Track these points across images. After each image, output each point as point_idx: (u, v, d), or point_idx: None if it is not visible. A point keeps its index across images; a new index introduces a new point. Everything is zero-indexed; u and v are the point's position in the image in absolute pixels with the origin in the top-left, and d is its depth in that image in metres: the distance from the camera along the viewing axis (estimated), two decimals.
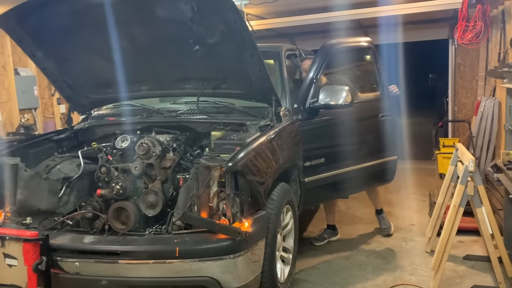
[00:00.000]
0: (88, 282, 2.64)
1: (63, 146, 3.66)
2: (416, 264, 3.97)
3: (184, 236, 2.64)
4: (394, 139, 4.38)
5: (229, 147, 2.92)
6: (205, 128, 3.43)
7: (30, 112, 7.17)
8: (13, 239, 2.59)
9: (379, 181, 4.48)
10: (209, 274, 2.54)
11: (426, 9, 6.12)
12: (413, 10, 6.32)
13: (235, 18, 2.83)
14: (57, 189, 3.15)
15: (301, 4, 6.44)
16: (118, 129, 3.56)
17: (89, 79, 3.63)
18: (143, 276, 2.56)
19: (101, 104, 3.94)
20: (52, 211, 3.11)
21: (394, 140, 4.38)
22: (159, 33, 3.14)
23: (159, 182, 3.04)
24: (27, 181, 3.03)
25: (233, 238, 2.52)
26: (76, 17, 3.05)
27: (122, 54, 3.24)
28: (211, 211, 2.70)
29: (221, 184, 2.69)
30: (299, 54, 4.51)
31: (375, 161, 4.20)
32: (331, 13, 6.39)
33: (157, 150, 3.10)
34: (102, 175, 3.15)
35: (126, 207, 2.92)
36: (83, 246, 2.65)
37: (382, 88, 4.38)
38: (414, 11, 6.32)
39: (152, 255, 2.56)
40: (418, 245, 4.40)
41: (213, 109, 3.56)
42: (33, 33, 3.19)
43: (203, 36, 2.95)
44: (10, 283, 2.61)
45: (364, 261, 4.10)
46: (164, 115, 3.60)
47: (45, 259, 2.55)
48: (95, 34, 3.14)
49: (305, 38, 7.59)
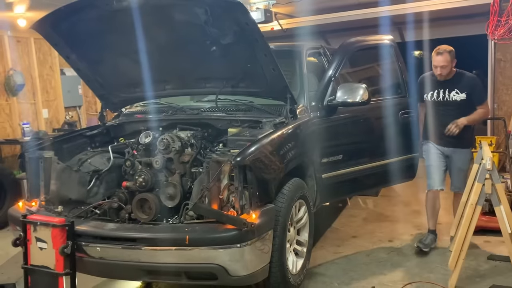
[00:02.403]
0: (109, 266, 2.88)
1: (96, 141, 3.93)
2: (437, 262, 3.94)
3: (195, 226, 2.82)
4: (415, 137, 4.35)
5: (241, 143, 3.06)
6: (224, 125, 3.58)
7: (74, 110, 7.66)
8: (43, 224, 2.86)
9: (399, 179, 4.47)
10: (218, 262, 2.69)
11: (460, 4, 5.97)
12: (448, 6, 6.18)
13: (246, 20, 2.96)
14: (86, 180, 3.41)
15: (332, 2, 6.44)
16: (145, 125, 3.78)
17: (118, 79, 3.87)
18: (157, 261, 2.77)
19: (131, 103, 4.18)
20: (82, 201, 3.37)
21: (415, 137, 4.35)
22: (179, 36, 3.32)
23: (178, 175, 3.22)
24: (59, 173, 3.31)
25: (239, 228, 2.66)
26: (103, 22, 3.29)
27: (147, 56, 3.44)
28: (221, 203, 2.85)
29: (231, 177, 2.84)
30: (324, 52, 4.57)
31: (395, 159, 4.20)
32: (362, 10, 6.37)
33: (176, 145, 3.29)
34: (127, 169, 3.40)
35: (148, 199, 3.13)
36: (103, 232, 2.89)
37: (404, 86, 4.36)
38: (449, 6, 6.18)
39: (165, 242, 2.75)
40: (440, 243, 4.35)
41: (232, 106, 3.71)
42: (66, 37, 3.47)
43: (218, 38, 3.10)
44: (41, 264, 2.89)
45: (384, 258, 4.11)
46: (187, 112, 3.79)
47: (70, 243, 2.80)
48: (121, 37, 3.37)
49: (337, 36, 7.57)
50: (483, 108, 4.04)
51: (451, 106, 3.99)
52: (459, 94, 3.94)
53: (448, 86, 3.97)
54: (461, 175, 4.13)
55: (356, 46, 4.16)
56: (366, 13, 6.31)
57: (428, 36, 6.76)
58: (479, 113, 4.01)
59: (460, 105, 3.96)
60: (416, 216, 5.15)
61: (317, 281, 3.67)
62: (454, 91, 3.95)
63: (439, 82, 3.99)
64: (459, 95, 3.94)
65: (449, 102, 3.99)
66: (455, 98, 3.95)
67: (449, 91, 3.96)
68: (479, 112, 4.01)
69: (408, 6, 6.32)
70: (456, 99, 3.96)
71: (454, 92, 3.95)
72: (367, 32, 5.60)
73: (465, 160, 4.11)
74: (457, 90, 3.94)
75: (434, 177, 4.11)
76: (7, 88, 6.62)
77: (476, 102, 3.99)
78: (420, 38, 6.88)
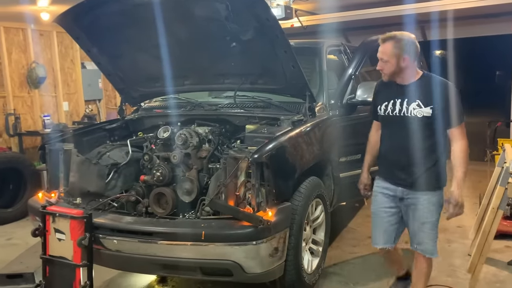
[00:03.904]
0: (125, 259, 2.90)
1: (115, 135, 3.97)
2: (455, 266, 3.88)
3: (211, 221, 2.83)
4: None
5: (259, 140, 3.04)
6: (242, 122, 3.58)
7: (94, 103, 7.75)
8: (62, 216, 2.90)
9: None
10: (233, 258, 2.69)
11: (487, 3, 5.82)
12: (475, 4, 6.03)
13: (267, 16, 2.95)
14: (105, 173, 3.44)
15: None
16: (163, 120, 3.80)
17: (138, 73, 3.90)
18: (173, 256, 2.78)
19: (150, 97, 4.21)
20: (100, 193, 3.41)
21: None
22: (199, 31, 3.32)
23: (195, 171, 3.23)
24: (79, 165, 3.35)
25: (255, 226, 2.65)
26: (125, 16, 3.31)
27: (166, 51, 3.44)
28: (237, 200, 2.85)
29: (248, 174, 2.83)
30: (344, 50, 4.52)
31: None
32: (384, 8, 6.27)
33: (194, 141, 3.30)
34: (145, 163, 3.42)
35: (165, 193, 3.14)
36: (120, 225, 2.92)
37: None
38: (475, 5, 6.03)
39: (181, 236, 2.76)
40: (461, 247, 4.28)
41: (250, 103, 3.70)
42: (88, 31, 3.50)
43: (238, 34, 3.09)
44: (59, 255, 2.93)
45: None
46: (205, 108, 3.80)
47: (88, 235, 2.83)
48: (142, 32, 3.39)
49: (357, 33, 7.47)
50: (458, 135, 2.67)
51: (408, 125, 2.71)
52: (421, 107, 2.65)
53: (407, 95, 2.71)
54: (425, 229, 2.81)
55: (377, 44, 4.08)
56: (388, 10, 6.20)
57: (452, 35, 6.62)
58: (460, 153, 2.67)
59: (422, 125, 2.68)
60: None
61: (332, 280, 3.65)
62: (415, 103, 2.68)
63: (396, 89, 2.77)
64: (422, 109, 2.65)
65: (406, 119, 2.71)
66: (415, 113, 2.67)
67: (408, 103, 2.70)
68: (458, 150, 2.67)
69: (433, 4, 6.19)
70: (416, 115, 2.68)
71: (415, 104, 2.68)
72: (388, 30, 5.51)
73: (430, 208, 2.78)
74: (419, 102, 2.67)
75: (376, 231, 2.97)
76: (29, 80, 6.73)
77: (447, 122, 2.66)
78: (443, 37, 6.74)
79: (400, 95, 2.75)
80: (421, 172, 2.75)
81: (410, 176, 2.77)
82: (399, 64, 2.67)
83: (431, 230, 2.82)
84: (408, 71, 2.71)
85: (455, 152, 2.69)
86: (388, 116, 2.81)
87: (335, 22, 6.63)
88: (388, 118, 2.82)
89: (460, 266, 3.86)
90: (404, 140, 2.74)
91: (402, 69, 2.69)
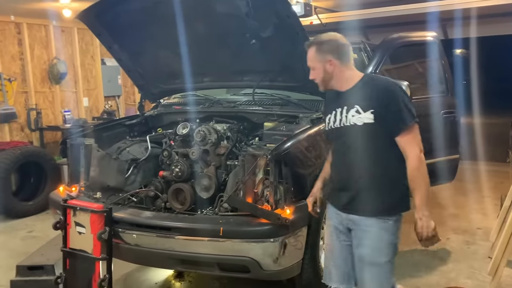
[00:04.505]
0: (144, 254, 2.93)
1: (135, 130, 4.01)
2: (474, 268, 3.82)
3: (229, 218, 2.83)
4: (457, 138, 4.20)
5: (277, 137, 3.04)
6: (260, 119, 3.57)
7: (113, 99, 7.85)
8: (82, 209, 2.95)
9: (438, 180, 4.34)
10: (251, 255, 2.69)
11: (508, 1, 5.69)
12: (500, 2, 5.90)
13: (288, 13, 2.93)
14: (125, 168, 3.48)
15: None
16: (182, 117, 3.82)
17: (158, 70, 3.93)
18: (190, 251, 2.79)
19: (169, 94, 4.24)
20: (120, 188, 3.45)
21: (457, 138, 4.20)
22: (219, 28, 3.33)
23: (213, 167, 3.24)
24: (99, 160, 3.39)
25: (273, 223, 2.65)
26: (146, 13, 3.34)
27: (186, 48, 3.47)
28: (256, 197, 2.85)
29: (266, 172, 2.83)
30: (364, 47, 4.48)
31: (434, 159, 4.07)
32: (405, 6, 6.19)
33: (212, 137, 3.31)
34: (164, 159, 3.45)
35: (183, 189, 3.17)
36: (139, 220, 2.95)
37: (446, 85, 4.21)
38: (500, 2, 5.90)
39: (199, 232, 2.77)
40: (481, 249, 4.21)
41: (269, 101, 3.69)
42: (109, 27, 3.54)
43: (258, 31, 3.09)
44: (79, 248, 2.98)
45: (419, 260, 4.02)
46: (223, 105, 3.80)
47: (107, 229, 2.87)
48: (162, 29, 3.42)
49: (376, 31, 7.39)
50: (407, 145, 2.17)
51: (349, 136, 2.27)
52: (360, 113, 2.21)
53: (346, 102, 2.28)
54: (373, 271, 2.26)
55: (398, 42, 4.05)
56: (410, 8, 6.12)
57: (475, 33, 6.49)
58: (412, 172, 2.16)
59: (364, 134, 2.22)
60: (453, 219, 5.00)
61: None
62: (354, 109, 2.23)
63: (337, 98, 2.35)
64: (361, 115, 2.20)
65: (346, 129, 2.27)
66: (354, 121, 2.23)
67: (347, 110, 2.26)
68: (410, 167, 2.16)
69: (456, 2, 6.08)
70: (356, 123, 2.22)
71: (354, 110, 2.23)
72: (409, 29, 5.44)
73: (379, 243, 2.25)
74: (357, 108, 2.22)
75: (328, 267, 2.50)
76: (51, 76, 6.85)
77: (394, 128, 2.19)
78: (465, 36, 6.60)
79: (340, 103, 2.31)
80: (366, 193, 2.23)
81: (354, 199, 2.27)
82: (326, 69, 2.29)
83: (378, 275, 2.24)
84: (341, 75, 2.30)
85: (408, 170, 2.17)
86: (331, 130, 2.37)
87: (354, 20, 6.56)
88: (332, 132, 2.37)
89: (480, 268, 3.80)
90: (345, 155, 2.30)
91: (331, 73, 2.29)
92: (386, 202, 2.24)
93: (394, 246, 2.28)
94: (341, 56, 2.30)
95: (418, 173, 2.16)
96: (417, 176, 2.16)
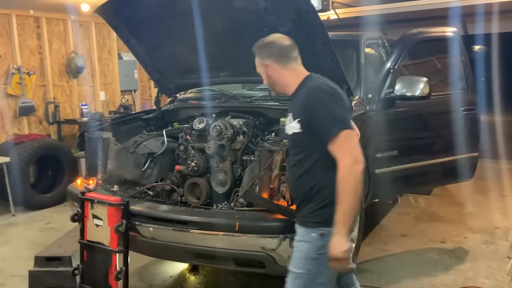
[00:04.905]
0: (160, 247, 2.95)
1: (151, 125, 4.01)
2: (493, 268, 3.77)
3: (245, 213, 2.83)
4: (476, 135, 4.13)
5: None
6: (277, 114, 3.54)
7: (130, 94, 7.91)
8: (100, 202, 2.98)
9: (456, 178, 4.27)
10: (266, 251, 2.69)
11: None
12: None
13: (307, 8, 2.89)
14: (141, 162, 3.50)
15: None
16: (198, 111, 3.83)
17: (175, 64, 3.93)
18: (206, 245, 2.80)
19: (186, 88, 4.24)
20: (136, 181, 3.46)
21: (476, 136, 4.13)
22: (236, 22, 3.30)
23: (229, 162, 3.24)
24: (117, 153, 3.41)
25: (289, 219, 2.64)
26: (163, 8, 3.32)
27: (203, 42, 3.44)
28: (272, 192, 2.84)
29: (283, 167, 2.81)
30: (382, 43, 4.43)
31: (453, 157, 4.02)
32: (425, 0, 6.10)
33: (228, 132, 3.31)
34: (181, 153, 3.46)
35: (199, 183, 3.18)
36: (156, 213, 2.96)
37: (467, 81, 4.14)
38: None
39: (215, 227, 2.78)
40: (500, 249, 4.15)
41: (285, 96, 3.66)
42: (127, 21, 3.55)
43: (276, 25, 3.06)
44: (96, 240, 3.02)
45: (435, 259, 3.98)
46: (239, 100, 3.79)
47: (124, 222, 2.89)
48: (179, 23, 3.40)
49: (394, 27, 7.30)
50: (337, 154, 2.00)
51: (289, 146, 2.35)
52: (291, 122, 2.17)
53: (290, 108, 2.29)
54: (290, 279, 2.19)
55: (417, 37, 3.99)
56: (429, 3, 6.02)
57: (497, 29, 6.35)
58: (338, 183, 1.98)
59: (294, 144, 2.21)
60: (471, 218, 4.94)
61: (365, 277, 3.60)
62: (289, 117, 2.23)
63: None
64: (291, 124, 2.16)
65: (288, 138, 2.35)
66: (287, 131, 2.23)
67: (289, 118, 2.23)
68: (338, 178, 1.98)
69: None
70: (288, 132, 2.23)
71: (289, 119, 2.22)
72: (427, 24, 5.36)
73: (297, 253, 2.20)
74: (290, 116, 2.20)
75: None
76: (68, 70, 6.92)
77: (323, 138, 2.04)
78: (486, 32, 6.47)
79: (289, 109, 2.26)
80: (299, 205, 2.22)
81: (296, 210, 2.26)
82: (268, 74, 2.24)
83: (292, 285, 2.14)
84: (283, 78, 2.21)
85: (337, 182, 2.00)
86: None
87: (372, 15, 6.49)
88: None
89: (498, 268, 3.75)
90: (287, 163, 2.29)
91: (274, 78, 2.23)
92: (312, 215, 2.14)
93: (312, 261, 2.10)
94: (280, 58, 2.22)
95: (342, 185, 1.97)
96: (340, 188, 1.97)
